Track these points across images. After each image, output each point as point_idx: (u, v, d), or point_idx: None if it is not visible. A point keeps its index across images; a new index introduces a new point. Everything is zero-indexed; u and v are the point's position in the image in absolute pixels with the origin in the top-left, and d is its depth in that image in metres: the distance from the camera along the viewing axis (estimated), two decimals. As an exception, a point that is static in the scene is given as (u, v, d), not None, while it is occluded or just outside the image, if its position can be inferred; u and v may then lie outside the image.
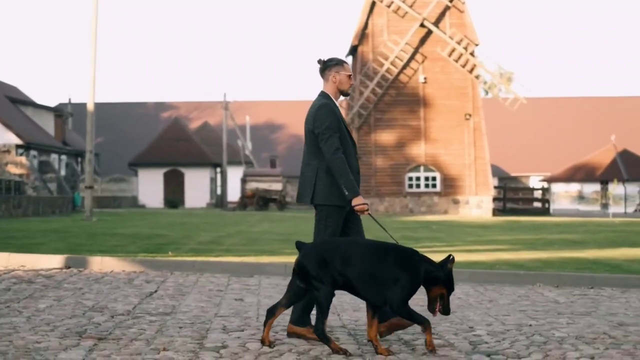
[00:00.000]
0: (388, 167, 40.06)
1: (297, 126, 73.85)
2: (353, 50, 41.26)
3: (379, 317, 6.03)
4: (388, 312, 6.08)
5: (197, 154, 51.86)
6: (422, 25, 39.79)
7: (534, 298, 9.30)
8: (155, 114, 75.06)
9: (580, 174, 57.36)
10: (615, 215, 48.17)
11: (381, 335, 6.11)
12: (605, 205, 55.40)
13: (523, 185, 66.37)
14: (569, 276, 10.59)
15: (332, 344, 5.65)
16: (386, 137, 40.25)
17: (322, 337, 5.64)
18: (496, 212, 42.78)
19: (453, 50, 39.79)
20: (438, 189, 40.37)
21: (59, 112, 55.70)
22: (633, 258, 14.09)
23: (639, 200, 55.83)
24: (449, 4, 39.93)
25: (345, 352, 5.62)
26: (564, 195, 57.38)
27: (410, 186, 40.49)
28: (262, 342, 5.80)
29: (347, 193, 5.97)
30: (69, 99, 65.20)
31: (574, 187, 57.36)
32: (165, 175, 51.23)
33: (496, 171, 68.52)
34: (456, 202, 40.14)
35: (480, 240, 18.93)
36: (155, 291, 8.77)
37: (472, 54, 40.08)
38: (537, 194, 50.32)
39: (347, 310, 7.91)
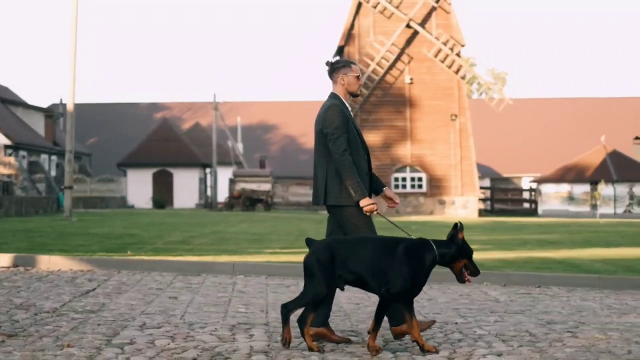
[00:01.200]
0: (374, 168, 39.80)
1: (290, 127, 73.94)
2: (340, 51, 41.28)
3: (318, 320, 6.04)
4: (323, 320, 6.09)
5: (186, 155, 51.90)
6: (408, 26, 39.84)
7: (474, 297, 9.34)
8: (148, 114, 75.07)
9: (570, 174, 57.35)
10: (604, 216, 48.23)
11: (303, 335, 6.05)
12: (594, 206, 55.42)
13: (515, 186, 66.43)
14: (517, 275, 10.64)
15: (286, 329, 5.67)
16: (372, 137, 40.23)
17: (284, 317, 5.66)
18: (483, 212, 42.85)
19: (439, 51, 39.83)
20: (424, 189, 40.42)
21: (49, 113, 55.78)
22: (598, 258, 14.13)
23: (628, 201, 55.83)
24: (435, 5, 39.97)
25: (284, 344, 5.66)
26: (554, 196, 57.34)
27: (397, 186, 40.53)
28: (311, 349, 5.73)
29: (354, 195, 5.99)
30: (60, 99, 65.22)
31: (564, 188, 57.33)
32: (154, 175, 51.25)
33: (488, 172, 68.60)
34: (442, 202, 40.18)
35: (469, 240, 18.86)
36: (94, 289, 8.80)
37: (458, 54, 40.12)
38: (525, 195, 50.38)
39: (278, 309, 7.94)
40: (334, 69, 6.32)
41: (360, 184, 6.04)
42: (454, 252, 5.78)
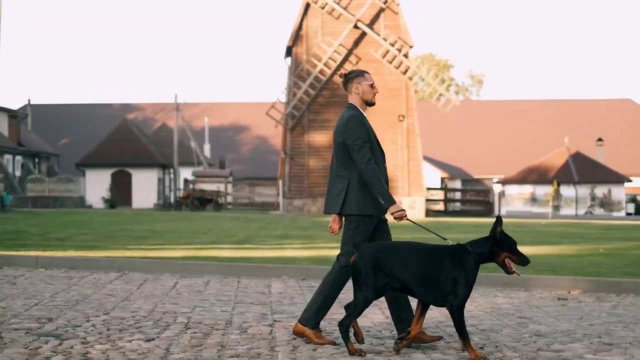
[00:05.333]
0: (321, 168, 40.16)
1: (262, 128, 74.07)
2: (288, 52, 41.41)
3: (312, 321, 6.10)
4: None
5: (145, 155, 51.98)
6: (356, 26, 39.95)
7: (255, 289, 9.49)
8: (120, 115, 75.19)
9: (533, 175, 57.54)
10: (562, 217, 48.37)
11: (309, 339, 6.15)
12: (557, 207, 55.56)
13: (486, 187, 66.53)
14: (316, 269, 10.81)
15: (349, 345, 5.73)
16: (319, 138, 40.41)
17: (344, 334, 5.72)
18: (432, 213, 42.94)
19: (387, 52, 39.94)
20: (371, 189, 40.45)
21: (14, 113, 55.92)
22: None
23: (590, 202, 55.96)
24: (383, 6, 40.08)
25: (361, 354, 5.71)
26: (517, 197, 57.52)
27: (344, 187, 40.59)
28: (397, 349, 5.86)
29: (383, 202, 6.01)
30: (28, 100, 65.42)
31: (527, 189, 57.53)
32: (113, 175, 51.31)
33: (459, 173, 68.75)
34: (389, 203, 40.25)
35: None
36: None
37: (406, 55, 40.23)
38: (481, 196, 50.50)
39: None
40: (348, 80, 6.36)
41: (388, 192, 6.07)
42: (490, 248, 5.85)
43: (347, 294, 7.34)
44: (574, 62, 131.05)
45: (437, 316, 7.64)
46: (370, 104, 6.36)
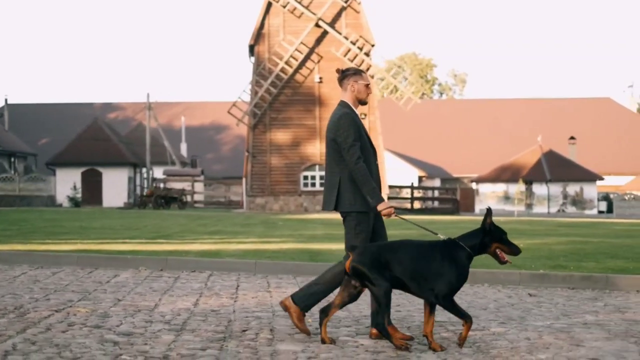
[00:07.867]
0: (283, 166, 40.35)
1: (242, 127, 74.24)
2: (250, 50, 41.57)
3: (373, 322, 6.17)
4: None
5: (115, 154, 52.14)
6: (317, 25, 40.11)
7: (96, 279, 9.61)
8: (102, 114, 75.39)
9: (506, 174, 57.68)
10: (533, 214, 48.50)
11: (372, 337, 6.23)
12: (529, 205, 55.70)
13: (465, 186, 66.69)
14: (172, 260, 10.96)
15: (394, 339, 5.82)
16: (281, 136, 40.56)
17: (384, 331, 5.82)
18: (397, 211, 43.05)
19: (348, 50, 40.09)
20: (333, 187, 40.53)
21: (-13, 113, 56.22)
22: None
23: (562, 200, 56.09)
24: (345, 5, 40.26)
25: (407, 348, 5.80)
26: (490, 195, 57.64)
27: (306, 185, 40.78)
28: (323, 341, 5.96)
29: (371, 200, 6.10)
30: (5, 100, 65.53)
31: (500, 188, 57.67)
32: (83, 174, 51.45)
33: (439, 172, 68.89)
34: (351, 200, 40.37)
35: (291, 235, 18.99)
36: None
37: (367, 54, 40.39)
38: (449, 194, 50.62)
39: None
40: (344, 76, 6.41)
41: (377, 190, 6.13)
42: (481, 240, 5.96)
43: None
44: (567, 62, 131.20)
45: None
46: (363, 102, 6.43)
